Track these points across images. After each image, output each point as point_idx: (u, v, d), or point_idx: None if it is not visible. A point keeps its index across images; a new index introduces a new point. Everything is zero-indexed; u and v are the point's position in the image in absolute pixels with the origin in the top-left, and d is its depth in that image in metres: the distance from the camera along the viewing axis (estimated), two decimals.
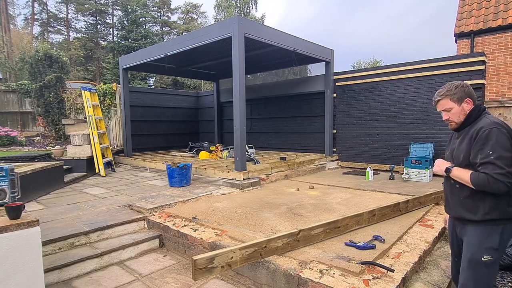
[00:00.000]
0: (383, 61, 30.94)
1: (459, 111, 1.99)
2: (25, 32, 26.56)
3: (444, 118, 2.07)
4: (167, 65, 9.08)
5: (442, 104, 2.04)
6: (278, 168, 7.14)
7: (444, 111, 2.05)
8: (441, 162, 2.10)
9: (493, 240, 1.86)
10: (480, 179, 1.82)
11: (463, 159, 1.94)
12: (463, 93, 1.98)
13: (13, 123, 12.32)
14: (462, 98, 1.98)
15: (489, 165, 1.79)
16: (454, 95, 1.99)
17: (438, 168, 2.09)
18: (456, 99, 1.99)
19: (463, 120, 2.00)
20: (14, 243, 2.14)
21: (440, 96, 2.04)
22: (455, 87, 2.00)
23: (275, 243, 2.80)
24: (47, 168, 5.87)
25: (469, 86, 2.03)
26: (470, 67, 6.49)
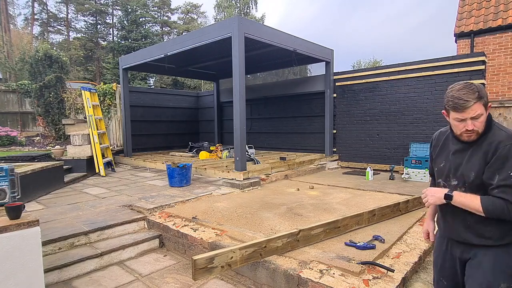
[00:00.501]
0: (383, 61, 30.95)
1: (484, 119, 1.56)
2: (25, 32, 26.56)
3: (470, 128, 1.55)
4: (167, 65, 9.08)
5: (475, 109, 1.52)
6: (278, 168, 7.14)
7: (472, 119, 1.54)
8: (435, 190, 1.69)
9: (511, 265, 1.56)
10: (496, 207, 1.48)
11: (474, 177, 1.57)
12: (486, 98, 1.57)
13: (13, 123, 12.32)
14: (487, 102, 1.57)
15: (509, 189, 1.47)
16: (484, 99, 1.54)
17: (435, 198, 1.66)
18: (484, 103, 1.54)
19: (480, 130, 1.58)
20: (14, 243, 2.14)
21: (474, 99, 1.52)
22: (481, 88, 1.55)
23: (275, 243, 2.80)
24: (47, 168, 5.87)
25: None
26: (470, 67, 6.49)
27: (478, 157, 1.57)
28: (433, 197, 1.66)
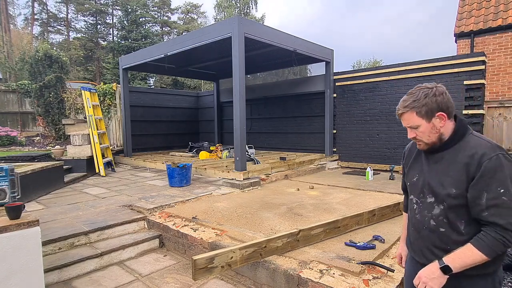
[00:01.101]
0: (383, 61, 30.94)
1: (429, 129, 1.41)
2: (25, 32, 26.55)
3: (410, 136, 1.48)
4: (167, 65, 9.08)
5: (406, 119, 1.44)
6: (278, 168, 7.14)
7: (411, 128, 1.45)
8: (428, 271, 1.37)
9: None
10: (494, 243, 1.25)
11: (456, 194, 1.35)
12: (434, 105, 1.38)
13: (13, 123, 12.32)
14: (433, 112, 1.39)
15: (503, 209, 1.24)
16: (421, 108, 1.39)
17: (437, 281, 1.33)
18: (424, 113, 1.39)
19: (436, 140, 1.42)
20: (14, 243, 2.14)
21: (403, 108, 1.43)
22: (424, 95, 1.39)
23: (275, 243, 2.80)
24: (47, 168, 5.87)
25: (444, 93, 1.40)
26: (470, 67, 6.49)
27: (457, 169, 1.35)
28: (434, 280, 1.34)
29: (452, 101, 1.42)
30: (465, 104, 6.55)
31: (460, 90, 6.60)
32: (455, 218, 1.38)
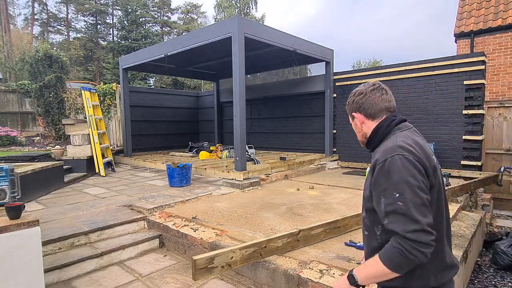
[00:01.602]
0: (383, 61, 30.90)
1: (355, 128, 1.48)
2: (25, 32, 26.57)
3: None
4: (167, 65, 9.08)
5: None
6: (278, 168, 7.14)
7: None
8: (341, 279, 1.31)
9: None
10: (393, 257, 1.10)
11: (365, 195, 1.33)
12: (353, 105, 1.42)
13: (13, 123, 12.32)
14: (351, 111, 1.43)
15: (399, 216, 1.10)
16: (347, 107, 1.47)
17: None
18: (349, 111, 1.46)
19: (363, 139, 1.45)
20: (14, 243, 2.14)
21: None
22: (351, 94, 1.44)
23: (275, 243, 2.80)
24: (47, 168, 5.87)
25: (364, 93, 1.37)
26: (470, 67, 6.48)
27: (370, 172, 1.29)
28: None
29: (375, 101, 1.35)
30: (465, 104, 6.55)
31: (460, 90, 6.60)
32: (372, 222, 1.30)
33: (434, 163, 1.24)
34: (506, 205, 6.88)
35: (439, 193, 1.23)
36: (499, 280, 4.33)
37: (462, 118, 6.60)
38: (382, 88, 1.38)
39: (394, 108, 1.40)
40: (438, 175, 1.24)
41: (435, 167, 1.23)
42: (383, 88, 1.39)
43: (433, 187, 1.19)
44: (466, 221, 4.34)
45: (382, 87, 1.39)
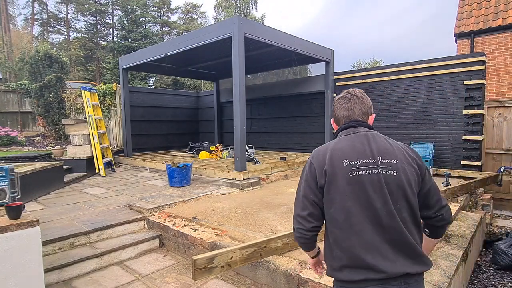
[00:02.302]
0: (383, 61, 30.88)
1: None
2: (25, 32, 26.57)
3: None
4: (167, 65, 9.08)
5: None
6: (278, 168, 7.14)
7: None
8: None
9: None
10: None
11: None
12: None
13: (13, 123, 12.32)
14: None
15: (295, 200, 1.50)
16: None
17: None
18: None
19: None
20: (14, 243, 2.14)
21: None
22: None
23: (275, 243, 2.79)
24: (47, 168, 5.87)
25: (337, 100, 1.57)
26: (470, 67, 6.48)
27: None
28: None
29: (337, 109, 1.55)
30: (465, 104, 6.55)
31: (460, 90, 6.60)
32: None
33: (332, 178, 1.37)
34: (506, 205, 6.89)
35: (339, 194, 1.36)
36: (499, 280, 4.33)
37: (462, 118, 6.60)
38: (346, 97, 1.54)
39: (354, 116, 1.51)
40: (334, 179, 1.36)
41: (326, 171, 1.38)
42: (347, 98, 1.53)
43: (323, 187, 1.38)
44: (466, 221, 4.34)
45: (347, 96, 1.54)
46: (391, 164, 1.35)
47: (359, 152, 1.37)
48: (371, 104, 1.57)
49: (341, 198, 1.34)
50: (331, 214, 1.37)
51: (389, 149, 1.39)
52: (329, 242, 1.41)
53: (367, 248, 1.30)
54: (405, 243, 1.31)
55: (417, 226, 1.38)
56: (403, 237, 1.31)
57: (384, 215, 1.30)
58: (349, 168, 1.35)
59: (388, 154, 1.37)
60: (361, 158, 1.36)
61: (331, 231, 1.39)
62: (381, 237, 1.30)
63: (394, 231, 1.30)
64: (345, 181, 1.34)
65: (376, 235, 1.30)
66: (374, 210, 1.31)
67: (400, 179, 1.33)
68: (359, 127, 1.48)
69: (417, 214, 1.38)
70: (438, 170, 6.79)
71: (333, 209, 1.36)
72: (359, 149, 1.38)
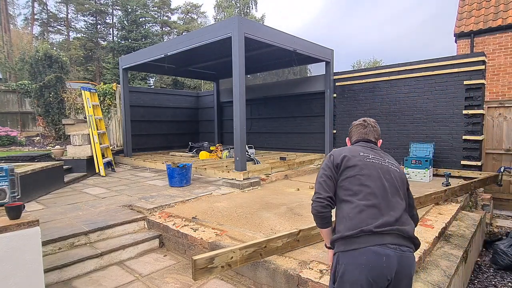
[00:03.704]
0: (383, 61, 30.89)
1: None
2: (25, 32, 26.54)
3: None
4: (167, 65, 9.08)
5: None
6: (278, 168, 7.14)
7: None
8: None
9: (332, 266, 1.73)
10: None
11: None
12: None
13: (13, 123, 12.32)
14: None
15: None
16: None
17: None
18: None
19: None
20: (14, 243, 2.14)
21: None
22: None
23: (275, 243, 2.79)
24: (47, 168, 5.87)
25: (352, 126, 2.10)
26: (470, 67, 6.48)
27: None
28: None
29: (357, 132, 2.03)
30: (465, 104, 6.55)
31: (460, 90, 6.60)
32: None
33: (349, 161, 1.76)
34: (506, 205, 6.88)
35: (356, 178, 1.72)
36: (499, 280, 4.33)
37: (462, 118, 6.60)
38: (363, 125, 2.02)
39: (367, 136, 1.98)
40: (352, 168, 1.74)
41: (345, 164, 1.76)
42: (364, 125, 2.01)
43: (338, 167, 1.77)
44: (466, 221, 4.34)
45: (363, 124, 2.02)
46: (393, 165, 1.83)
47: (371, 152, 1.85)
48: (380, 132, 2.06)
49: (359, 174, 1.70)
50: (346, 186, 1.71)
51: (390, 158, 1.89)
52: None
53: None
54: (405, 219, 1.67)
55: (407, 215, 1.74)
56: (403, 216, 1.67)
57: (391, 194, 1.67)
58: (364, 157, 1.78)
59: (390, 159, 1.87)
60: (373, 154, 1.82)
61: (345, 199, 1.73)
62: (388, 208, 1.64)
63: (399, 208, 1.66)
64: (363, 163, 1.74)
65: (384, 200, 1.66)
66: (384, 188, 1.67)
67: (402, 175, 1.81)
68: (370, 142, 1.95)
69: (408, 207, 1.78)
70: (438, 170, 6.79)
71: (349, 181, 1.71)
72: (370, 151, 1.86)
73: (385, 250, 1.47)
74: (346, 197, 1.65)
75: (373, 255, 1.47)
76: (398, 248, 1.50)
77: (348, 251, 1.52)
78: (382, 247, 1.48)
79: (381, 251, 1.46)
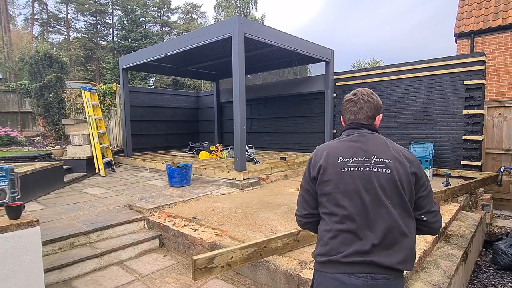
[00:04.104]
0: (383, 61, 30.93)
1: None
2: (25, 32, 26.53)
3: None
4: (167, 65, 9.08)
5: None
6: (278, 168, 7.14)
7: None
8: None
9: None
10: None
11: None
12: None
13: (13, 123, 12.32)
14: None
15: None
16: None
17: None
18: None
19: None
20: (14, 243, 2.14)
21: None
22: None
23: (275, 243, 2.79)
24: (47, 168, 5.87)
25: (348, 103, 1.63)
26: (470, 67, 6.48)
27: None
28: None
29: (347, 111, 1.62)
30: (465, 104, 6.55)
31: (460, 90, 6.60)
32: None
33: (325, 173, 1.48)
34: (506, 205, 6.88)
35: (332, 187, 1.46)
36: (499, 280, 4.33)
37: (462, 118, 6.60)
38: (353, 101, 1.60)
39: (359, 120, 1.57)
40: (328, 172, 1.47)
41: (321, 177, 1.49)
42: (354, 101, 1.59)
43: (316, 179, 1.50)
44: (466, 221, 4.34)
45: (353, 99, 1.59)
46: (385, 163, 1.42)
47: (354, 151, 1.47)
48: (380, 104, 1.60)
49: (333, 190, 1.44)
50: (323, 204, 1.50)
51: (385, 150, 1.46)
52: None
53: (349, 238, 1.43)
54: (391, 237, 1.38)
55: (409, 223, 1.42)
56: (391, 232, 1.38)
57: (372, 209, 1.38)
58: (342, 164, 1.45)
59: (384, 154, 1.44)
60: (355, 156, 1.45)
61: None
62: (366, 229, 1.39)
63: (381, 225, 1.38)
64: (338, 175, 1.44)
65: (363, 225, 1.40)
66: (363, 204, 1.39)
67: (393, 177, 1.39)
68: (360, 129, 1.56)
69: (410, 212, 1.43)
70: (438, 170, 6.79)
71: (326, 199, 1.48)
72: (355, 148, 1.48)
73: (351, 280, 1.36)
74: (324, 216, 1.50)
75: (338, 283, 1.39)
76: (369, 276, 1.35)
77: (320, 271, 1.47)
78: (348, 276, 1.37)
79: (346, 280, 1.37)
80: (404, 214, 1.40)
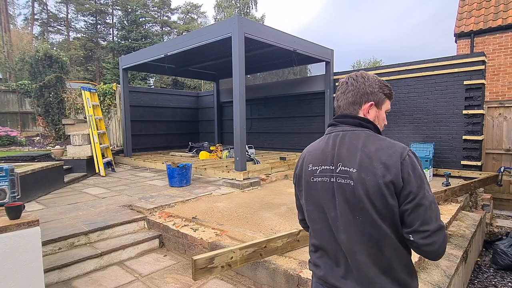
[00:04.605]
0: (383, 61, 30.94)
1: None
2: (25, 32, 26.52)
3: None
4: (167, 65, 9.08)
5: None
6: (278, 168, 7.13)
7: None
8: None
9: None
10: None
11: None
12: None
13: (13, 123, 12.32)
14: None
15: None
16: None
17: None
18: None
19: None
20: (14, 243, 2.14)
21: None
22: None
23: (275, 243, 2.79)
24: (47, 168, 5.87)
25: (338, 88, 1.41)
26: (470, 67, 6.48)
27: None
28: None
29: (336, 97, 1.40)
30: (465, 104, 6.55)
31: (460, 90, 6.60)
32: None
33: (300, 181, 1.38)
34: (506, 205, 6.88)
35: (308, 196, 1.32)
36: (499, 280, 4.33)
37: (462, 118, 6.60)
38: (342, 83, 1.36)
39: (340, 110, 1.35)
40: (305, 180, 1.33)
41: (297, 186, 1.40)
42: (342, 83, 1.36)
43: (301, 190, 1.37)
44: (466, 221, 4.34)
45: (343, 81, 1.36)
46: (348, 173, 1.16)
47: (324, 157, 1.26)
48: (368, 90, 1.28)
49: (306, 202, 1.34)
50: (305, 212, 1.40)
51: (353, 155, 1.18)
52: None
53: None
54: (356, 262, 1.17)
55: (384, 246, 1.15)
56: (355, 255, 1.17)
57: (335, 229, 1.21)
58: (311, 174, 1.29)
59: (350, 162, 1.17)
60: (323, 164, 1.26)
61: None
62: (338, 251, 1.24)
63: (346, 247, 1.19)
64: (307, 186, 1.31)
65: (333, 245, 1.25)
66: (329, 220, 1.23)
67: (357, 190, 1.13)
68: (339, 125, 1.31)
69: (386, 233, 1.13)
70: (438, 170, 6.79)
71: (304, 208, 1.38)
72: (326, 154, 1.26)
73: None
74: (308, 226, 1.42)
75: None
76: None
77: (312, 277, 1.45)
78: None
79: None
80: (376, 235, 1.13)
